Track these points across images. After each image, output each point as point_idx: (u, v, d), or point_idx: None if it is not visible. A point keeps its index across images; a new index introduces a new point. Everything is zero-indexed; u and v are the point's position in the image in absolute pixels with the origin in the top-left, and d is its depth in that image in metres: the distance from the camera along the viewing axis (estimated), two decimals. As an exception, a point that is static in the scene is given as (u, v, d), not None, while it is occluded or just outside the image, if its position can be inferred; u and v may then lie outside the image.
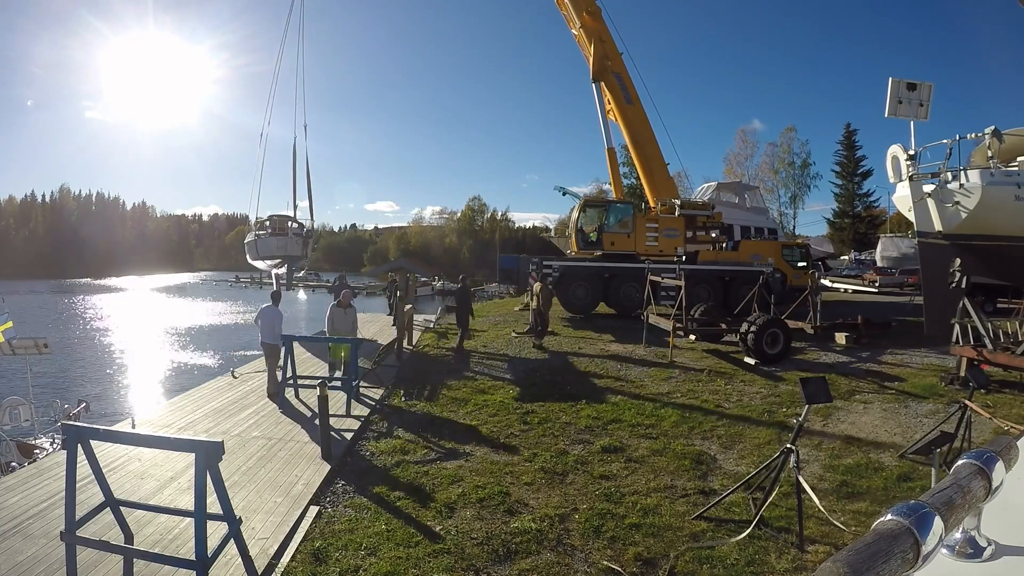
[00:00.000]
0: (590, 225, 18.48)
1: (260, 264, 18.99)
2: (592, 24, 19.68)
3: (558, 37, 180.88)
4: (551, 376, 10.80)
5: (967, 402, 6.03)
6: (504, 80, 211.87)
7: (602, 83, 19.90)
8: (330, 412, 6.92)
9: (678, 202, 19.66)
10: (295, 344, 9.71)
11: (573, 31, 20.62)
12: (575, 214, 19.00)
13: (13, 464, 8.83)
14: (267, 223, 18.37)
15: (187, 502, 4.44)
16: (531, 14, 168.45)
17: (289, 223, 18.14)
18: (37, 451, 9.57)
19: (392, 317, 17.61)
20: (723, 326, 13.04)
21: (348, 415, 8.44)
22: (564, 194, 26.02)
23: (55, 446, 9.75)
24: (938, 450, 5.10)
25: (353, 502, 5.76)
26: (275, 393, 9.27)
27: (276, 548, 4.74)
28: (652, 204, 20.05)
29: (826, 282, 28.92)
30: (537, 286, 13.96)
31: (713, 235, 20.48)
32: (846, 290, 29.21)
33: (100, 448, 4.58)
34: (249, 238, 18.67)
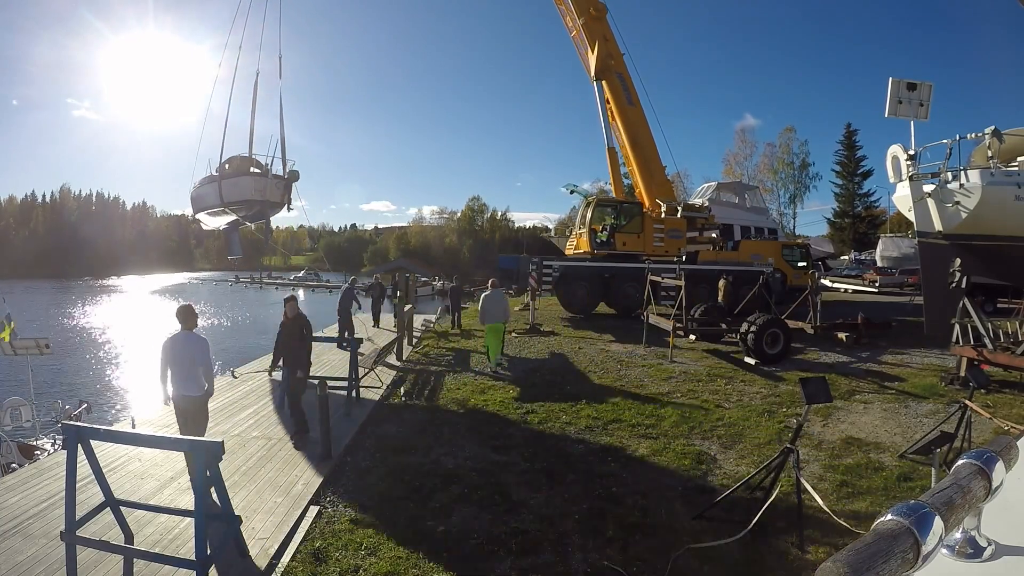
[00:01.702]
0: (602, 225, 18.61)
1: (214, 221, 13.41)
2: (595, 24, 19.70)
3: (551, 38, 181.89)
4: (551, 376, 10.80)
5: (967, 402, 6.03)
6: (497, 81, 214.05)
7: (604, 82, 19.91)
8: (330, 412, 6.92)
9: (681, 204, 19.88)
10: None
11: (571, 27, 20.59)
12: (588, 214, 19.00)
13: (14, 465, 8.82)
14: (227, 165, 12.89)
15: (187, 502, 4.46)
16: (528, 15, 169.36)
17: (253, 168, 13.12)
18: (38, 452, 9.57)
19: (373, 322, 17.11)
20: (723, 326, 13.04)
21: (348, 415, 8.44)
22: (572, 192, 25.92)
23: (56, 447, 9.74)
24: (938, 450, 5.10)
25: (353, 502, 5.75)
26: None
27: (276, 548, 4.74)
28: (648, 205, 20.13)
29: (826, 282, 28.94)
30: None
31: (714, 235, 20.69)
32: (846, 290, 29.23)
33: (100, 448, 4.59)
34: (203, 184, 13.03)
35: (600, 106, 20.44)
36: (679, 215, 19.28)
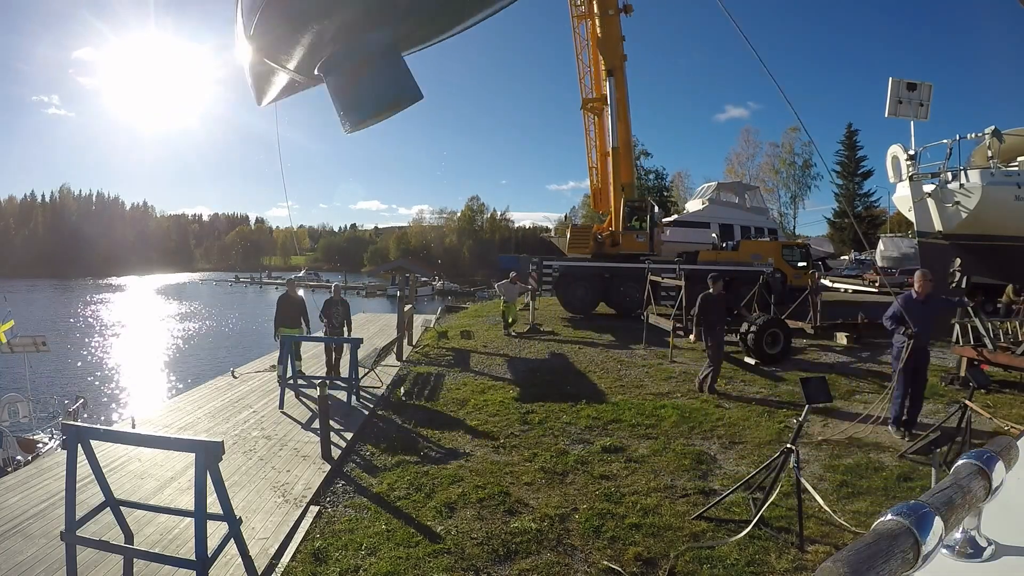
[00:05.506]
0: (643, 226, 19.18)
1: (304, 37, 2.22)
2: (615, 21, 19.85)
3: (539, 40, 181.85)
4: (551, 376, 10.79)
5: (967, 402, 6.03)
6: (485, 81, 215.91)
7: (615, 79, 20.01)
8: (330, 412, 6.92)
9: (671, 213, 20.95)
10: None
11: (583, 14, 20.59)
12: (648, 217, 19.28)
13: (18, 458, 8.89)
14: None
15: (187, 502, 4.44)
16: (517, 16, 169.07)
17: None
18: (40, 445, 9.62)
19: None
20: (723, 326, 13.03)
21: (349, 415, 8.43)
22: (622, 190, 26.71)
23: (54, 440, 9.78)
24: (938, 450, 5.10)
25: (353, 502, 5.75)
26: None
27: (276, 548, 4.74)
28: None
29: (826, 282, 28.93)
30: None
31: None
32: (846, 290, 29.22)
33: (100, 448, 4.58)
34: None
35: (610, 103, 20.49)
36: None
